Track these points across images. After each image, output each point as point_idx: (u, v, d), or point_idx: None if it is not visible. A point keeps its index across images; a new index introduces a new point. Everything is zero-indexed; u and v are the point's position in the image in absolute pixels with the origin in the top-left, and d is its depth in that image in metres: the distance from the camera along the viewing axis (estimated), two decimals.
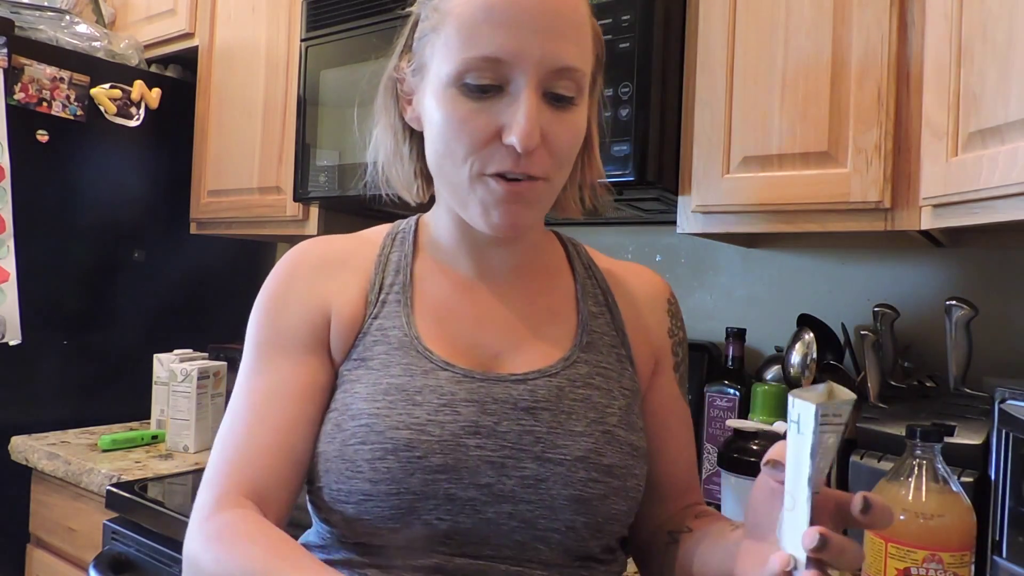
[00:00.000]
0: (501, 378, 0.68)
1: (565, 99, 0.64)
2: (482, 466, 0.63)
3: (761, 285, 1.46)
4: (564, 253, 0.80)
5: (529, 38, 0.61)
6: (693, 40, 1.17)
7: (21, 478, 1.66)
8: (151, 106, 1.91)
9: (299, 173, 1.62)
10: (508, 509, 0.63)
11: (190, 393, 1.64)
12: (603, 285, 0.78)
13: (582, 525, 0.65)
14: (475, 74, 0.62)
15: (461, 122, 0.63)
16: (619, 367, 0.74)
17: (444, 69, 0.63)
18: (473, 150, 0.63)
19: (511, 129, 0.61)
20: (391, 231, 0.77)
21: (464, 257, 0.74)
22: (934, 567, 0.79)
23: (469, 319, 0.72)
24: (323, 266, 0.73)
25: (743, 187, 1.10)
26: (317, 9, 1.59)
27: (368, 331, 0.70)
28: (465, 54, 0.62)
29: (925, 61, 0.95)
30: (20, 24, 1.70)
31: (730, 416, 1.32)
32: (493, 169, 0.63)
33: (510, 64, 0.61)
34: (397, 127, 0.74)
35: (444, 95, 0.64)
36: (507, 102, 0.62)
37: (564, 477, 0.64)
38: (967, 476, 0.92)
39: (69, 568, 1.57)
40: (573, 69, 0.63)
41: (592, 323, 0.74)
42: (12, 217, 1.63)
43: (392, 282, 0.72)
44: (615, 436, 0.68)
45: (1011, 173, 0.77)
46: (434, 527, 0.63)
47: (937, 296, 1.23)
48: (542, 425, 0.66)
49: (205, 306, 2.06)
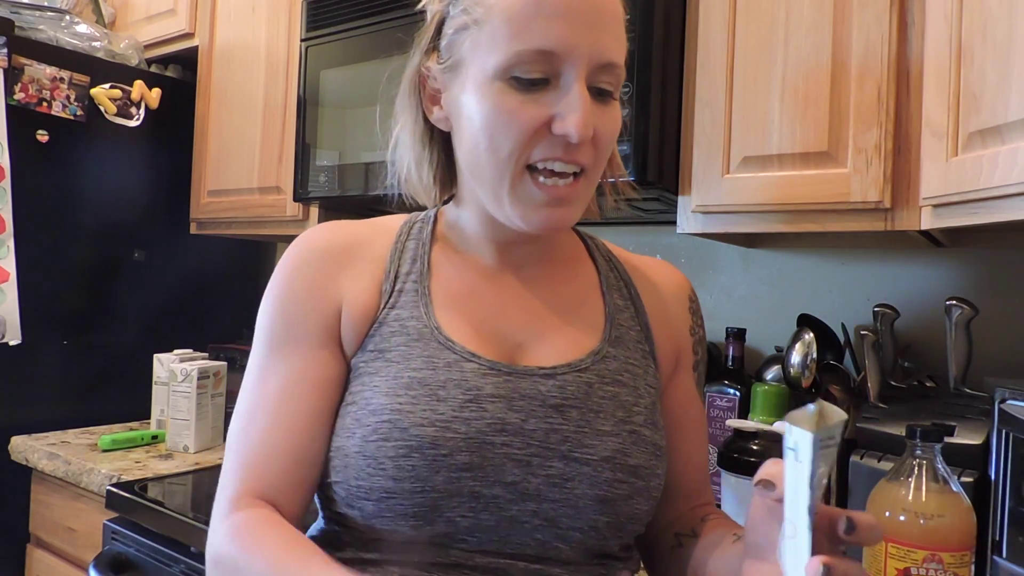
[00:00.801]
0: (529, 371, 0.66)
1: (606, 93, 0.65)
2: (508, 464, 0.62)
3: (761, 285, 1.46)
4: (584, 245, 0.80)
5: (580, 32, 0.61)
6: (693, 40, 1.17)
7: (21, 478, 1.66)
8: (151, 106, 1.91)
9: (299, 173, 1.62)
10: (532, 507, 0.63)
11: (190, 393, 1.64)
12: (626, 278, 0.77)
13: (604, 525, 0.64)
14: (526, 67, 0.62)
15: (509, 113, 0.62)
16: (644, 364, 0.73)
17: (491, 62, 0.63)
18: (521, 143, 0.62)
19: (565, 119, 0.61)
20: (409, 220, 0.76)
21: (486, 247, 0.73)
22: (934, 567, 0.79)
23: (492, 306, 0.70)
24: (334, 254, 0.70)
25: (743, 187, 1.10)
26: (317, 9, 1.59)
27: (385, 321, 0.68)
28: (517, 47, 0.61)
29: (925, 61, 0.95)
30: (20, 24, 1.70)
31: (730, 416, 1.32)
32: (540, 157, 0.63)
33: (561, 57, 0.61)
34: (419, 128, 0.73)
35: (490, 88, 0.63)
36: (557, 95, 0.62)
37: (590, 477, 0.63)
38: (967, 476, 0.92)
39: (69, 568, 1.57)
40: (616, 64, 0.64)
41: (618, 316, 0.74)
42: (12, 217, 1.63)
43: (408, 271, 0.71)
44: (641, 436, 0.67)
45: (1011, 173, 0.77)
46: (456, 524, 0.62)
47: (937, 296, 1.22)
48: (570, 424, 0.65)
49: (205, 306, 2.06)
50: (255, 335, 0.70)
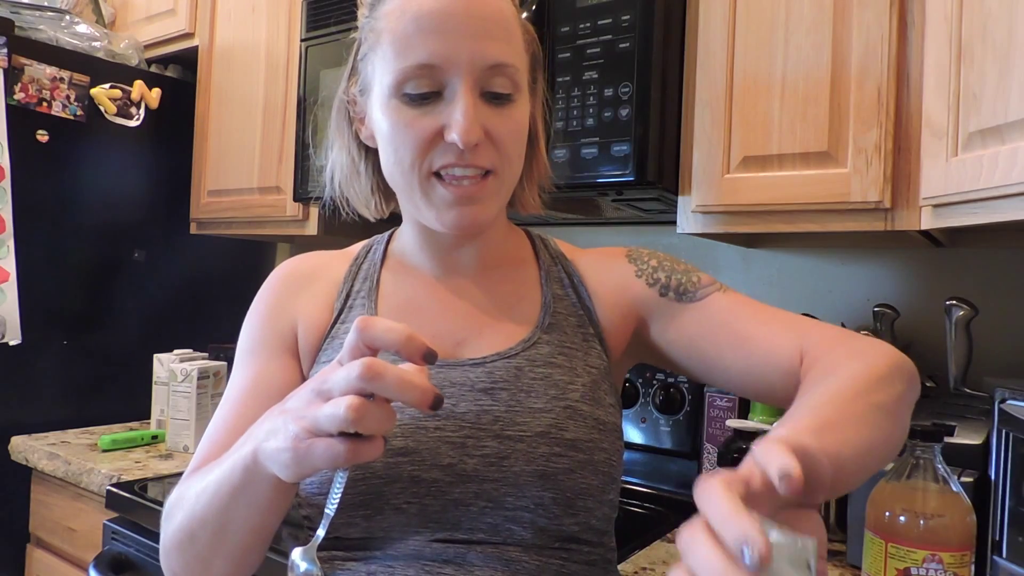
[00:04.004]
0: (460, 363, 0.70)
1: (503, 96, 0.67)
2: (443, 447, 0.65)
3: (761, 285, 1.46)
4: (531, 246, 0.82)
5: (458, 42, 0.64)
6: (693, 40, 1.17)
7: (21, 478, 1.66)
8: (151, 106, 1.91)
9: (299, 173, 1.62)
10: (474, 489, 0.65)
11: (190, 393, 1.64)
12: (568, 269, 0.80)
13: (550, 501, 0.65)
14: (413, 82, 0.65)
15: (406, 127, 0.66)
16: (585, 346, 0.74)
17: (385, 81, 0.67)
18: (419, 151, 0.66)
19: (451, 127, 0.65)
20: (368, 244, 0.82)
21: (428, 258, 0.77)
22: (934, 567, 0.79)
23: (432, 312, 0.74)
24: (294, 281, 0.78)
25: (743, 187, 1.10)
26: (317, 9, 1.59)
27: (336, 335, 0.74)
28: (401, 64, 0.65)
29: (925, 61, 0.95)
30: (20, 24, 1.70)
31: (730, 416, 1.32)
32: (440, 164, 0.66)
33: (443, 68, 0.65)
34: (352, 146, 0.77)
35: (388, 106, 0.67)
36: (445, 104, 0.66)
37: (526, 453, 0.65)
38: (967, 476, 0.92)
39: (69, 568, 1.57)
40: (504, 65, 0.66)
41: (556, 305, 0.76)
42: (12, 217, 1.63)
43: (359, 289, 0.77)
44: (578, 411, 0.68)
45: (1011, 173, 0.77)
46: (404, 512, 0.64)
47: (937, 296, 1.23)
48: (500, 404, 0.67)
49: (205, 306, 2.06)
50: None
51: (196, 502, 0.62)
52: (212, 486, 0.61)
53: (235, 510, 0.60)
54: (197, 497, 0.62)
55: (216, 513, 0.61)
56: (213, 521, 0.61)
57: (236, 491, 0.59)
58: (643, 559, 1.09)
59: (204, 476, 0.63)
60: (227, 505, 0.60)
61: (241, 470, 0.57)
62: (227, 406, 0.73)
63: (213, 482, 0.61)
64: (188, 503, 0.64)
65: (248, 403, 0.71)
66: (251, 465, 0.56)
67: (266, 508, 0.60)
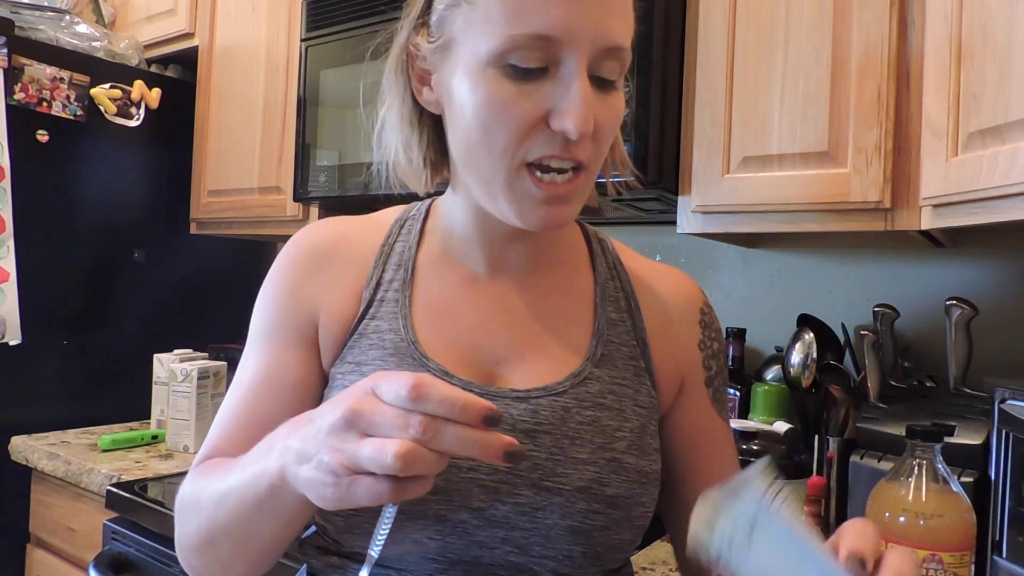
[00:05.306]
0: (501, 393, 0.64)
1: (608, 82, 0.59)
2: (474, 489, 0.60)
3: (761, 285, 1.46)
4: (587, 248, 0.74)
5: (583, 13, 0.55)
6: (693, 40, 1.17)
7: (21, 478, 1.66)
8: (151, 106, 1.91)
9: (299, 173, 1.62)
10: (501, 535, 0.60)
11: (190, 393, 1.64)
12: (627, 287, 0.72)
13: (579, 555, 0.61)
14: (522, 53, 0.56)
15: (504, 106, 0.57)
16: (636, 381, 0.68)
17: (483, 47, 0.57)
18: (516, 138, 0.58)
19: (564, 114, 0.56)
20: (401, 216, 0.73)
21: (476, 249, 0.69)
22: (934, 567, 0.79)
23: (472, 320, 0.67)
24: (315, 257, 0.70)
25: (743, 187, 1.10)
26: (317, 9, 1.59)
27: (364, 332, 0.67)
28: (512, 31, 0.56)
29: (925, 61, 0.95)
30: (20, 24, 1.70)
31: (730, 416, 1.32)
32: (537, 155, 0.58)
33: (561, 43, 0.56)
34: (408, 109, 0.68)
35: (482, 76, 0.58)
36: (554, 84, 0.57)
37: (562, 507, 0.60)
38: (967, 476, 0.92)
39: (69, 568, 1.57)
40: (622, 48, 0.59)
41: (610, 332, 0.69)
42: (12, 217, 1.63)
43: (392, 278, 0.68)
44: (622, 464, 0.63)
45: (1011, 173, 0.77)
46: (424, 545, 0.61)
47: (937, 296, 1.22)
48: (542, 451, 0.61)
49: (205, 306, 2.06)
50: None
51: (217, 508, 0.59)
52: (234, 497, 0.57)
53: (259, 521, 0.57)
54: (217, 503, 0.59)
55: (239, 523, 0.58)
56: (236, 530, 0.59)
57: (261, 504, 0.56)
58: (643, 559, 1.09)
59: (222, 477, 0.60)
60: (251, 516, 0.57)
61: (267, 486, 0.54)
62: (239, 394, 0.68)
63: (235, 491, 0.57)
64: (207, 507, 0.61)
65: (261, 395, 0.67)
66: (278, 483, 0.53)
67: (292, 521, 0.58)
